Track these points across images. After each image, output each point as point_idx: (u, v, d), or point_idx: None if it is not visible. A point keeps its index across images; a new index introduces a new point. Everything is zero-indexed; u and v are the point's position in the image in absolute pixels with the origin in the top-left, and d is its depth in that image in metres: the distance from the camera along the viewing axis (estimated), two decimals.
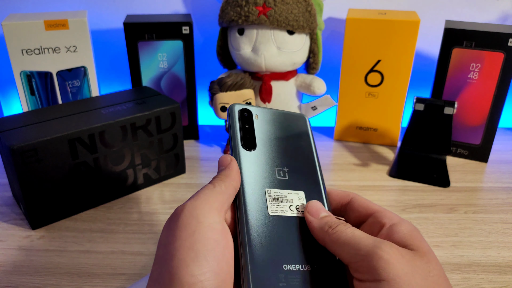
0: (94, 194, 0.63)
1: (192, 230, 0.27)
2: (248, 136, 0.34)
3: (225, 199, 0.30)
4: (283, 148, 0.36)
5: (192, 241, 0.26)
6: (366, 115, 0.82)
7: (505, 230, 0.60)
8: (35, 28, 0.71)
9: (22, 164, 0.55)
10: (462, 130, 0.78)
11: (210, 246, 0.26)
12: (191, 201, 0.29)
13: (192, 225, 0.27)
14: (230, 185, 0.30)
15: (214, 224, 0.28)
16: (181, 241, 0.26)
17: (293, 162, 0.35)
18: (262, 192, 0.32)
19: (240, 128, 0.35)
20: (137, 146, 0.65)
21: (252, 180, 0.32)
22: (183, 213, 0.28)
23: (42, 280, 0.51)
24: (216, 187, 0.30)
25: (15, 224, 0.60)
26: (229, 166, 0.32)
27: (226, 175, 0.31)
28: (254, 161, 0.33)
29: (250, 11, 0.72)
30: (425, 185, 0.70)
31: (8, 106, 0.94)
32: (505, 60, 0.70)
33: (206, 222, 0.27)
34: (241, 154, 0.33)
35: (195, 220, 0.27)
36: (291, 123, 0.38)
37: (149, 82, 0.80)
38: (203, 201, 0.29)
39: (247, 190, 0.32)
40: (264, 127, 0.36)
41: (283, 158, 0.35)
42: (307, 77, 0.80)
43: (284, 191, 0.33)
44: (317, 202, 0.33)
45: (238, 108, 0.36)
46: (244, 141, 0.34)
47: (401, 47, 0.75)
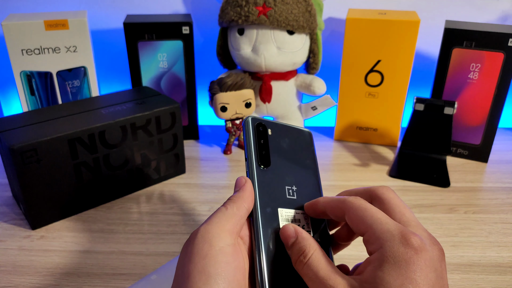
0: (94, 194, 0.63)
1: (205, 254, 0.29)
2: (263, 152, 0.35)
3: (237, 220, 0.31)
4: (292, 165, 0.36)
5: (203, 264, 0.28)
6: (366, 115, 0.82)
7: (505, 230, 0.60)
8: (35, 28, 0.71)
9: (22, 164, 0.55)
10: (462, 130, 0.78)
11: (220, 269, 0.28)
12: (204, 225, 0.31)
13: (205, 249, 0.29)
14: (242, 206, 0.32)
15: (225, 247, 0.29)
16: (194, 265, 0.29)
17: (300, 181, 0.36)
18: (275, 212, 0.33)
19: (256, 144, 0.35)
20: (137, 146, 0.65)
21: (267, 199, 0.33)
22: (197, 237, 0.30)
23: (41, 280, 0.51)
24: (228, 210, 0.32)
25: (15, 224, 0.60)
26: (243, 187, 0.33)
27: (239, 197, 0.32)
28: (268, 178, 0.34)
29: (250, 11, 0.72)
30: (425, 185, 0.70)
31: (8, 106, 0.94)
32: (505, 60, 0.70)
33: (217, 246, 0.29)
34: (256, 171, 0.34)
35: (207, 244, 0.29)
36: (298, 138, 0.38)
37: (149, 82, 0.80)
38: (215, 224, 0.30)
39: (262, 210, 0.33)
40: (277, 142, 0.36)
41: (292, 176, 0.36)
42: (307, 77, 0.80)
43: (293, 211, 0.34)
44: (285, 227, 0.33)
45: (254, 123, 0.35)
46: (260, 158, 0.34)
47: (401, 47, 0.75)
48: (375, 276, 0.27)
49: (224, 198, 0.66)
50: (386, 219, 0.30)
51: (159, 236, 0.58)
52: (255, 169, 0.34)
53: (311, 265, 0.30)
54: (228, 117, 0.76)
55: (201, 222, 0.61)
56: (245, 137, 0.35)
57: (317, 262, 0.30)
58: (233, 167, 0.76)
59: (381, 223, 0.30)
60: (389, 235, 0.29)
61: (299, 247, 0.31)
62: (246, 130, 0.35)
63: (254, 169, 0.34)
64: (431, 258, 0.28)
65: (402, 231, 0.29)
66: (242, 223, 0.32)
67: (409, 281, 0.27)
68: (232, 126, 0.78)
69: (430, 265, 0.28)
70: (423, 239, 0.29)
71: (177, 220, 0.61)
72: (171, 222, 0.61)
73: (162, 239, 0.58)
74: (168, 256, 0.55)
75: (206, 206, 0.64)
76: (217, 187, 0.69)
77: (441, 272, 0.28)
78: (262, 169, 0.34)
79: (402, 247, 0.28)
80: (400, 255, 0.28)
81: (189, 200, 0.66)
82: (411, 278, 0.27)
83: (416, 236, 0.28)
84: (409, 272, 0.27)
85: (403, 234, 0.28)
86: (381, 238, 0.29)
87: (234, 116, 0.76)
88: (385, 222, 0.30)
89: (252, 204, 0.33)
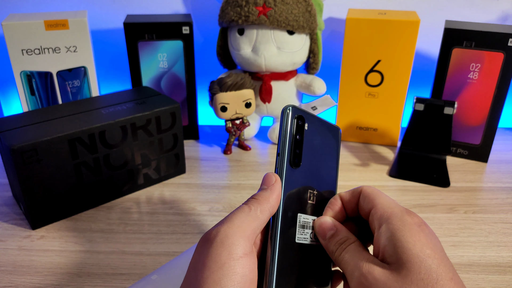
0: (94, 194, 0.63)
1: (222, 263, 0.27)
2: (297, 151, 0.32)
3: (258, 225, 0.30)
4: (318, 167, 0.34)
5: (220, 275, 0.27)
6: (366, 115, 0.82)
7: (505, 230, 0.60)
8: (35, 28, 0.71)
9: (22, 164, 0.55)
10: (462, 130, 0.78)
11: (236, 282, 0.27)
12: (224, 227, 0.29)
13: (223, 257, 0.27)
14: (266, 209, 0.30)
15: (244, 257, 0.28)
16: (210, 273, 0.27)
17: (320, 184, 0.34)
18: (295, 218, 0.32)
19: (292, 141, 0.32)
20: (137, 146, 0.65)
21: (290, 202, 0.32)
22: (215, 241, 0.28)
23: (42, 280, 0.51)
24: (252, 211, 0.30)
25: (15, 224, 0.60)
26: (272, 188, 0.31)
27: (266, 197, 0.30)
28: (296, 180, 0.32)
29: (250, 11, 0.72)
30: (425, 185, 0.70)
31: (8, 106, 0.94)
32: (505, 60, 0.70)
33: (236, 255, 0.28)
34: (286, 171, 0.32)
35: (226, 252, 0.28)
36: (328, 135, 0.36)
37: (149, 82, 0.80)
38: (236, 228, 0.29)
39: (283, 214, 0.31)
40: (310, 140, 0.34)
41: (316, 178, 0.34)
42: (307, 77, 0.80)
43: (310, 217, 0.33)
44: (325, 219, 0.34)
45: (294, 114, 0.32)
46: (293, 157, 0.32)
47: (401, 47, 0.75)
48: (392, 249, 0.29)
49: (224, 198, 0.66)
50: (391, 200, 0.33)
51: (159, 236, 0.58)
52: (285, 168, 0.31)
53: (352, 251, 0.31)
54: (228, 117, 0.76)
55: (201, 222, 0.61)
56: (281, 129, 0.32)
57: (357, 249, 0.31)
58: (233, 167, 0.76)
59: (386, 202, 0.32)
60: (395, 210, 0.31)
61: (339, 238, 0.33)
62: (285, 122, 0.32)
63: (284, 167, 0.31)
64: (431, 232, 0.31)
65: (405, 208, 0.32)
66: (262, 228, 0.30)
67: (426, 246, 0.29)
68: (232, 126, 0.78)
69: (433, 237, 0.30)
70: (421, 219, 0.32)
71: (177, 220, 0.61)
72: (171, 222, 0.61)
73: (162, 239, 0.58)
74: (168, 256, 0.55)
75: (206, 206, 0.64)
76: (217, 187, 0.69)
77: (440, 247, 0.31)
78: (292, 169, 0.32)
79: (409, 217, 0.30)
80: (408, 224, 0.30)
81: (189, 200, 0.66)
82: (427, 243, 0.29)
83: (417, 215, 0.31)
84: (419, 236, 0.29)
85: (407, 211, 0.31)
86: (388, 211, 0.31)
87: (234, 116, 0.76)
88: (390, 201, 0.33)
89: (276, 209, 0.31)
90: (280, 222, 0.30)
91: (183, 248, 0.56)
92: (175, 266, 0.46)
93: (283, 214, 0.31)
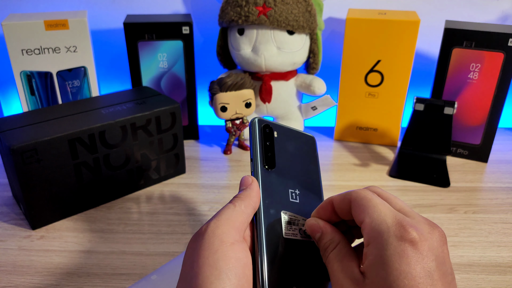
0: (94, 194, 0.63)
1: (215, 249, 0.29)
2: (269, 154, 0.35)
3: (245, 218, 0.31)
4: (296, 169, 0.36)
5: (215, 259, 0.28)
6: (366, 115, 0.82)
7: (505, 230, 0.60)
8: (35, 28, 0.71)
9: (22, 164, 0.55)
10: (462, 130, 0.78)
11: (231, 264, 0.28)
12: (214, 221, 0.30)
13: (215, 244, 0.29)
14: (249, 204, 0.32)
15: (236, 243, 0.29)
16: (204, 259, 0.28)
17: (303, 185, 0.36)
18: (278, 215, 0.33)
19: (262, 146, 0.35)
20: (137, 146, 0.65)
21: (270, 200, 0.33)
22: (207, 232, 0.30)
23: (42, 280, 0.51)
24: (236, 207, 0.31)
25: (15, 224, 0.60)
26: (250, 186, 0.33)
27: (247, 195, 0.32)
28: (273, 181, 0.34)
29: (250, 11, 0.72)
30: (425, 185, 0.70)
31: (8, 106, 0.94)
32: (505, 60, 0.70)
33: (228, 241, 0.29)
34: (262, 173, 0.34)
35: (217, 239, 0.29)
36: (302, 143, 0.38)
37: (149, 82, 0.80)
38: (224, 221, 0.30)
39: (265, 211, 0.32)
40: (282, 145, 0.36)
41: (296, 179, 0.36)
42: (307, 77, 0.80)
43: (300, 216, 0.35)
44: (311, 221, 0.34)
45: (261, 124, 0.35)
46: (265, 160, 0.34)
47: (401, 47, 0.75)
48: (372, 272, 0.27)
49: (224, 198, 0.66)
50: (386, 210, 0.29)
51: (159, 236, 0.58)
52: (260, 169, 0.34)
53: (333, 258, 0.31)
54: (228, 117, 0.76)
55: (201, 222, 0.61)
56: (251, 138, 0.35)
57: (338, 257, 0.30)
58: (233, 167, 0.76)
59: (379, 213, 0.29)
60: (384, 227, 0.28)
61: (324, 242, 0.32)
62: (253, 131, 0.35)
63: (259, 169, 0.34)
64: (430, 247, 0.28)
65: (399, 222, 0.28)
66: (249, 221, 0.32)
67: (404, 276, 0.26)
68: (232, 126, 0.78)
69: (428, 254, 0.27)
70: (419, 228, 0.28)
71: (177, 220, 0.61)
72: (171, 222, 0.61)
73: (162, 239, 0.58)
74: (168, 256, 0.55)
75: (206, 206, 0.64)
76: (217, 187, 0.69)
77: (443, 258, 0.28)
78: (267, 171, 0.34)
79: (396, 240, 0.27)
80: (393, 249, 0.27)
81: (189, 200, 0.66)
82: (406, 272, 0.26)
83: (412, 227, 0.28)
84: (403, 266, 0.26)
85: (400, 225, 0.28)
86: (376, 230, 0.28)
87: (234, 116, 0.76)
88: (384, 212, 0.29)
89: (258, 204, 0.33)
90: (263, 218, 0.32)
91: (183, 248, 0.56)
92: (175, 266, 0.46)
93: (265, 211, 0.32)
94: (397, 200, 0.32)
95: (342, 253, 0.31)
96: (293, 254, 0.33)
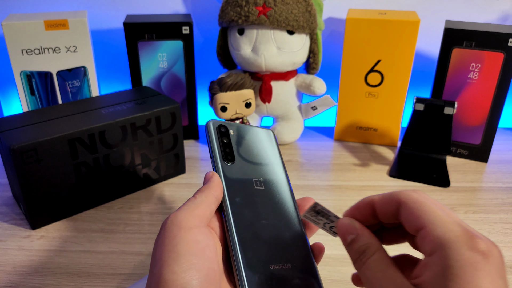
0: (94, 194, 0.63)
1: (174, 235, 0.29)
2: (227, 150, 0.37)
3: (205, 206, 0.32)
4: (257, 160, 0.38)
5: (173, 244, 0.29)
6: (366, 115, 0.82)
7: (505, 230, 0.60)
8: (35, 28, 0.71)
9: (22, 164, 0.55)
10: (462, 130, 0.78)
11: (189, 246, 0.29)
12: (173, 213, 0.31)
13: (174, 231, 0.30)
14: (209, 194, 0.33)
15: (194, 228, 0.30)
16: (164, 247, 0.29)
17: (266, 173, 0.38)
18: (245, 201, 0.35)
19: (219, 143, 0.37)
20: (137, 146, 0.65)
21: (234, 189, 0.35)
22: (167, 223, 0.31)
23: (42, 280, 0.51)
24: (197, 198, 0.32)
25: (15, 224, 0.60)
26: (211, 179, 0.34)
27: (207, 186, 0.33)
28: (234, 172, 0.36)
29: (250, 11, 0.72)
30: (425, 185, 0.70)
31: (8, 106, 0.94)
32: (505, 60, 0.70)
33: (186, 227, 0.30)
34: (222, 166, 0.36)
35: (176, 227, 0.30)
36: (261, 137, 0.41)
37: (149, 82, 0.80)
38: (183, 210, 0.31)
39: (230, 199, 0.34)
40: (239, 141, 0.39)
41: (258, 169, 0.38)
42: (307, 77, 0.80)
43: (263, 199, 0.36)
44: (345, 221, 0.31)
45: (215, 125, 0.38)
46: (224, 155, 0.37)
47: (401, 47, 0.75)
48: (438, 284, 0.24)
49: None
50: (448, 217, 0.27)
51: None
52: (220, 164, 0.36)
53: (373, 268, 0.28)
54: (228, 117, 0.76)
55: None
56: (207, 138, 0.37)
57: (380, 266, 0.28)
58: None
59: (443, 220, 0.26)
60: (452, 236, 0.25)
61: (359, 246, 0.29)
62: (209, 131, 0.37)
63: (219, 164, 0.36)
64: (498, 264, 0.25)
65: (467, 231, 0.25)
66: (212, 209, 0.32)
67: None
68: None
69: (498, 271, 0.25)
70: (485, 240, 0.26)
71: None
72: None
73: None
74: None
75: None
76: None
77: (505, 278, 0.25)
78: (227, 165, 0.36)
79: (469, 250, 0.24)
80: (467, 260, 0.24)
81: None
82: (478, 286, 0.24)
83: (481, 239, 0.25)
84: (477, 279, 0.24)
85: (469, 235, 0.25)
86: (443, 238, 0.25)
87: (234, 116, 0.76)
88: (447, 220, 0.26)
89: (220, 193, 0.34)
90: (230, 206, 0.34)
91: None
92: None
93: (230, 199, 0.34)
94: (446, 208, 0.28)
95: (385, 261, 0.28)
96: (264, 235, 0.33)
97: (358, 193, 0.67)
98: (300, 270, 0.33)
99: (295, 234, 0.35)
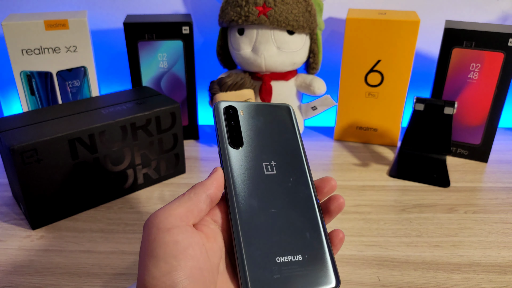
0: (94, 194, 0.63)
1: (153, 238, 0.29)
2: (234, 134, 0.35)
3: (192, 205, 0.31)
4: (270, 142, 0.36)
5: (152, 248, 0.29)
6: (366, 115, 0.82)
7: (505, 230, 0.60)
8: (35, 28, 0.71)
9: (22, 164, 0.55)
10: (462, 130, 0.78)
11: (168, 248, 0.28)
12: (154, 212, 0.31)
13: (153, 233, 0.29)
14: (200, 191, 0.32)
15: (173, 228, 0.29)
16: (144, 250, 0.29)
17: (280, 156, 0.35)
18: (253, 188, 0.33)
19: (226, 126, 0.35)
20: (137, 146, 0.65)
21: (242, 177, 0.33)
22: (146, 225, 0.30)
23: (42, 280, 0.51)
24: (185, 196, 0.32)
25: (15, 224, 0.60)
26: (210, 176, 0.33)
27: (200, 183, 0.33)
28: (242, 158, 0.34)
29: (250, 11, 0.72)
30: (425, 185, 0.70)
31: (8, 106, 0.94)
32: (505, 60, 0.70)
33: (164, 228, 0.29)
34: (229, 153, 0.34)
35: (155, 228, 0.29)
36: (276, 115, 0.38)
37: (149, 82, 0.80)
38: (163, 210, 0.31)
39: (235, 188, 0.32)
40: (250, 122, 0.36)
41: (270, 152, 0.35)
42: (307, 77, 0.80)
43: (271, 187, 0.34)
44: None
45: (223, 106, 0.36)
46: (231, 140, 0.34)
47: (401, 47, 0.75)
48: None
49: None
50: None
51: None
52: (226, 150, 0.34)
53: None
54: None
55: None
56: (215, 122, 0.35)
57: None
58: None
59: None
60: None
61: None
62: (216, 114, 0.35)
63: (225, 149, 0.34)
64: None
65: None
66: (201, 208, 0.32)
67: None
68: None
69: None
70: None
71: None
72: None
73: None
74: None
75: None
76: None
77: None
78: (234, 150, 0.34)
79: None
80: None
81: None
82: None
83: None
84: None
85: None
86: None
87: None
88: None
89: (216, 190, 0.32)
90: (234, 195, 0.32)
91: None
92: None
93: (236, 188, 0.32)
94: None
95: None
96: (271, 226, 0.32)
97: (358, 193, 0.68)
98: (311, 262, 0.31)
99: (309, 222, 0.33)
